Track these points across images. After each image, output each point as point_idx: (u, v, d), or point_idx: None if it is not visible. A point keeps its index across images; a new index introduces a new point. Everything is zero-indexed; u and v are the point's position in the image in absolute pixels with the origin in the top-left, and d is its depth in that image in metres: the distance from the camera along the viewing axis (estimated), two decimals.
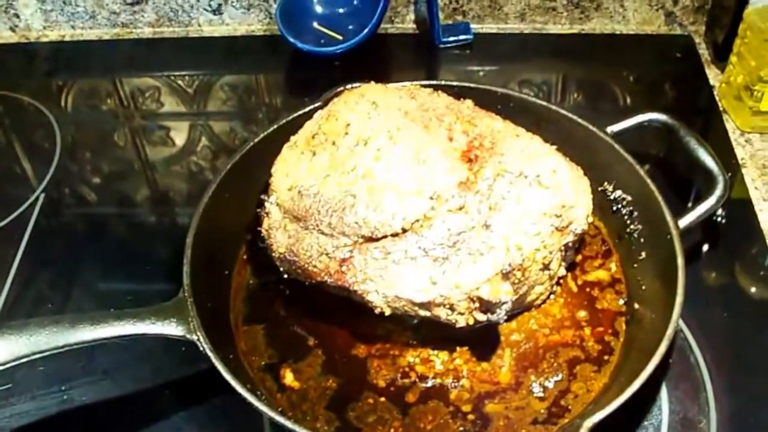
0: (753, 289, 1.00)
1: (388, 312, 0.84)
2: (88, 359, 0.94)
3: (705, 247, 1.05)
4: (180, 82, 1.38)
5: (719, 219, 1.06)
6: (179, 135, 1.28)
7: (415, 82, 1.04)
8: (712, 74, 1.32)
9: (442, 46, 1.40)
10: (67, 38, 1.51)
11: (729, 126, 1.21)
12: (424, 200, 0.84)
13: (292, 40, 1.33)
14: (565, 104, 1.29)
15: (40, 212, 1.16)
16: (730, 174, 1.08)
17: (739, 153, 1.16)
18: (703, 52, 1.37)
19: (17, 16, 1.49)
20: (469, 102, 0.98)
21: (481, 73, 1.37)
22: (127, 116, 1.34)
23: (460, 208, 0.84)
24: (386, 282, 0.82)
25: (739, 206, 1.09)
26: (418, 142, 0.88)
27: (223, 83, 1.37)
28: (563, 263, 0.92)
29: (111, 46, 1.49)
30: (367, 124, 0.90)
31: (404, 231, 0.83)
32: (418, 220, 0.83)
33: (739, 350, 0.92)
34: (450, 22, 1.44)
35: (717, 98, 1.26)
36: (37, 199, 1.18)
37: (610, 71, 1.35)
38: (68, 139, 1.28)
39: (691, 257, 0.98)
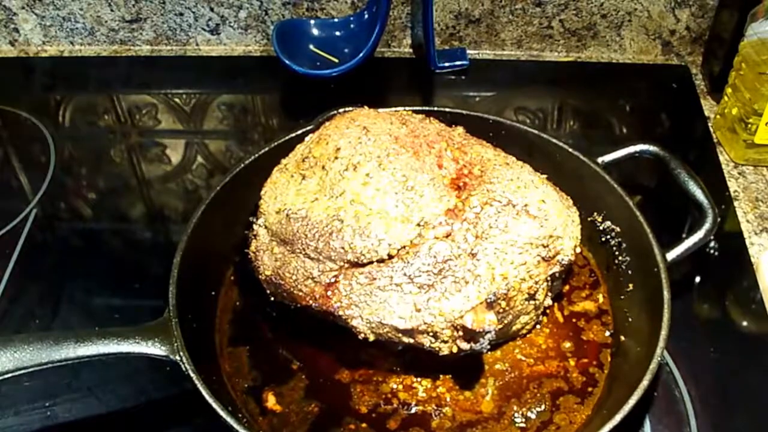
0: (741, 323, 0.99)
1: (371, 338, 0.84)
2: (73, 376, 0.94)
3: (695, 279, 1.04)
4: (177, 100, 1.39)
5: (710, 251, 1.06)
6: (175, 153, 1.29)
7: (407, 108, 1.04)
8: (708, 105, 1.32)
9: (437, 71, 1.40)
10: (65, 54, 1.51)
11: (722, 158, 1.21)
12: (411, 227, 0.83)
13: (287, 62, 1.33)
14: (560, 132, 1.29)
15: (32, 226, 1.15)
16: (723, 206, 1.09)
17: (732, 185, 1.16)
18: (699, 83, 1.37)
19: (17, 30, 1.49)
20: (460, 129, 0.99)
21: (477, 99, 1.37)
22: (123, 133, 1.34)
23: (447, 236, 0.84)
24: (370, 308, 0.82)
25: (731, 239, 1.08)
26: (407, 168, 0.88)
27: (220, 102, 1.38)
28: (549, 293, 0.92)
29: (109, 62, 1.50)
30: (357, 149, 0.90)
31: (390, 257, 0.83)
32: (404, 247, 0.83)
33: (725, 385, 0.92)
34: (446, 47, 1.44)
35: (711, 130, 1.26)
36: (30, 213, 1.18)
37: (605, 100, 1.35)
38: (63, 154, 1.29)
39: (681, 289, 0.98)
